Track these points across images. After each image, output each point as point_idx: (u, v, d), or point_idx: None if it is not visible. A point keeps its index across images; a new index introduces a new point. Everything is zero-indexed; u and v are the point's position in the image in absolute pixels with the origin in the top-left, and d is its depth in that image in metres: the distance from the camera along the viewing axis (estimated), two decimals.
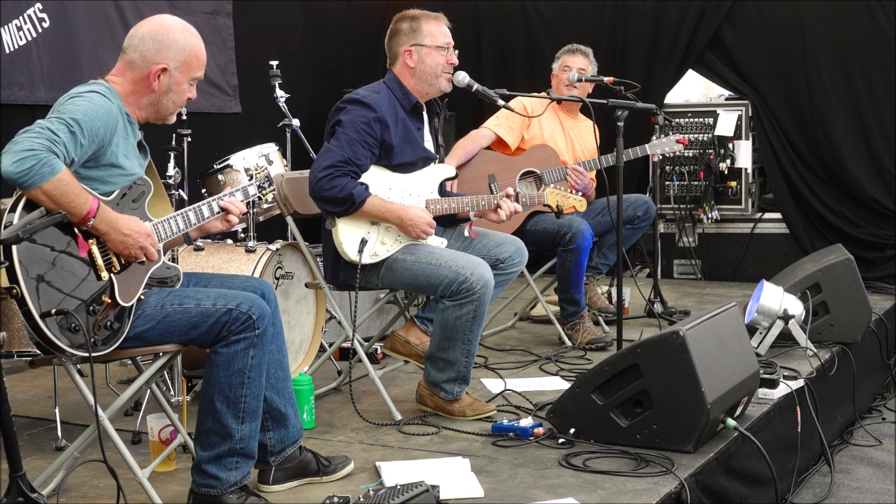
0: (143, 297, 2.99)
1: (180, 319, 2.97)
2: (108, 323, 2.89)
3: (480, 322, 3.83)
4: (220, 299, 2.98)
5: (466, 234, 4.10)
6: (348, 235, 3.86)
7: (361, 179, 3.83)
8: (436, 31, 4.01)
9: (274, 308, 3.17)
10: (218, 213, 3.22)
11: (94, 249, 2.87)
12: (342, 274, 3.99)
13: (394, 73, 4.04)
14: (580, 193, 4.37)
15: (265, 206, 4.63)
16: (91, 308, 2.85)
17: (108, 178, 2.95)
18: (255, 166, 4.53)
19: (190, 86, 3.13)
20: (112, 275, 2.91)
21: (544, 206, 4.22)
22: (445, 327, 3.80)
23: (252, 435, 3.04)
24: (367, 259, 3.86)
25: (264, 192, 3.42)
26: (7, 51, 5.07)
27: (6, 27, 5.06)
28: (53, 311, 2.75)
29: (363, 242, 3.85)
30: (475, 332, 3.83)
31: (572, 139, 5.51)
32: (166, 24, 3.12)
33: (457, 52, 4.07)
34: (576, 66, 5.45)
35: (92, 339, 2.83)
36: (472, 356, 3.88)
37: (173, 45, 3.07)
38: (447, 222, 4.17)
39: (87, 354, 2.80)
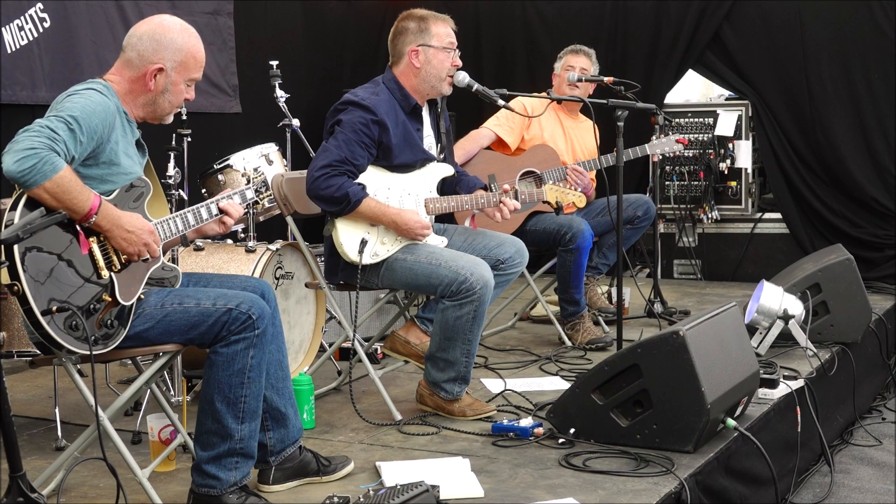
0: (143, 296, 3.00)
1: (180, 319, 2.97)
2: (109, 321, 2.89)
3: (480, 322, 3.82)
4: (220, 299, 2.98)
5: (467, 224, 4.09)
6: (348, 236, 3.86)
7: (360, 179, 3.84)
8: (443, 32, 4.01)
9: (273, 308, 3.17)
10: (217, 214, 3.22)
11: (95, 248, 2.88)
12: (342, 274, 3.99)
13: (394, 73, 4.03)
14: (576, 189, 4.38)
15: (266, 206, 4.63)
16: (91, 306, 2.85)
17: (108, 177, 2.95)
18: (253, 170, 4.53)
19: (187, 87, 3.13)
20: (112, 273, 2.91)
21: (544, 202, 4.22)
22: (445, 327, 3.80)
23: (252, 435, 3.04)
24: (367, 259, 3.86)
25: (261, 196, 3.41)
26: (8, 50, 5.07)
27: (7, 27, 5.06)
28: (55, 307, 2.75)
29: (363, 243, 3.85)
30: (475, 332, 3.83)
31: (572, 139, 5.52)
32: (165, 23, 3.11)
33: (459, 54, 4.08)
34: (579, 66, 5.45)
35: (92, 337, 2.83)
36: (472, 356, 3.88)
37: (171, 45, 3.07)
38: (449, 218, 4.17)
39: (87, 352, 2.81)
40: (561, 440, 3.59)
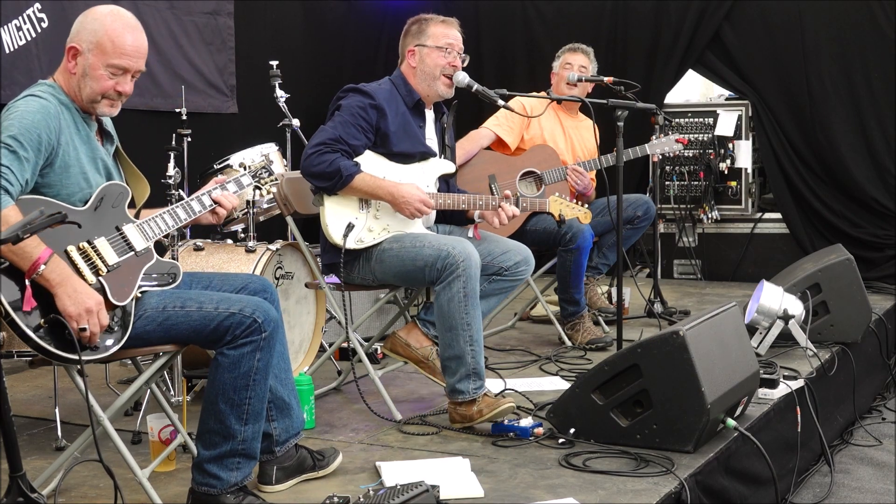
0: (140, 294, 2.98)
1: (182, 322, 2.96)
2: (107, 325, 2.87)
3: (474, 303, 3.72)
4: (223, 303, 2.97)
5: (471, 234, 4.09)
6: (335, 218, 3.87)
7: (356, 160, 3.86)
8: (440, 32, 4.04)
9: (275, 302, 3.17)
10: (211, 206, 3.20)
11: (76, 255, 2.83)
12: (325, 257, 4.00)
13: (400, 70, 4.10)
14: (582, 204, 4.36)
15: (265, 205, 4.62)
16: None
17: (66, 181, 2.90)
18: (252, 159, 4.52)
19: (112, 74, 2.99)
20: (99, 278, 2.87)
21: (546, 213, 4.22)
22: (442, 316, 3.74)
23: (255, 436, 3.03)
24: (351, 244, 3.85)
25: (263, 181, 3.38)
26: (7, 51, 5.07)
27: (5, 27, 5.06)
28: (42, 321, 2.72)
29: (349, 227, 3.85)
30: (472, 313, 3.72)
31: (572, 138, 5.52)
32: (96, 9, 3.04)
33: (467, 57, 4.08)
34: (577, 63, 5.46)
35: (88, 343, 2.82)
36: (477, 345, 3.75)
37: (89, 25, 3.00)
38: (454, 222, 4.18)
39: (89, 358, 2.80)
40: (561, 440, 3.59)
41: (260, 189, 3.40)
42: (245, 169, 3.38)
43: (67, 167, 2.91)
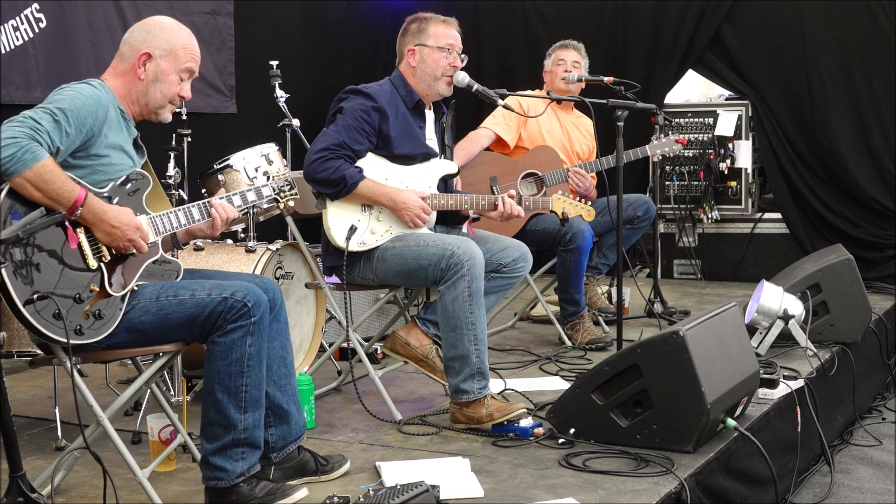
0: (136, 288, 2.98)
1: (177, 311, 2.96)
2: (98, 311, 2.88)
3: (479, 302, 3.72)
4: (215, 289, 2.97)
5: (465, 231, 4.09)
6: (337, 221, 3.87)
7: (359, 165, 3.86)
8: (441, 32, 4.05)
9: (280, 304, 3.16)
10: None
11: (83, 237, 2.88)
12: (328, 260, 3.99)
13: (400, 70, 4.09)
14: (584, 201, 4.36)
15: (265, 205, 4.60)
16: (77, 296, 2.85)
17: (98, 167, 2.96)
18: (278, 170, 4.50)
19: (181, 80, 3.12)
20: (102, 264, 2.91)
21: (550, 212, 4.22)
22: (447, 316, 3.74)
23: (256, 424, 3.02)
24: (354, 246, 3.86)
25: (283, 195, 3.39)
26: (4, 51, 5.07)
27: (3, 27, 5.05)
28: (35, 296, 2.74)
29: (352, 229, 3.86)
30: (476, 313, 3.72)
31: (569, 134, 5.53)
32: (157, 18, 3.17)
33: (466, 57, 4.08)
34: (569, 60, 5.48)
35: (77, 326, 2.82)
36: (482, 344, 3.75)
37: (159, 33, 3.10)
38: (452, 222, 4.17)
39: (76, 342, 2.81)
40: (561, 440, 3.59)
41: (279, 202, 3.40)
42: (268, 179, 3.37)
43: (100, 157, 2.96)
